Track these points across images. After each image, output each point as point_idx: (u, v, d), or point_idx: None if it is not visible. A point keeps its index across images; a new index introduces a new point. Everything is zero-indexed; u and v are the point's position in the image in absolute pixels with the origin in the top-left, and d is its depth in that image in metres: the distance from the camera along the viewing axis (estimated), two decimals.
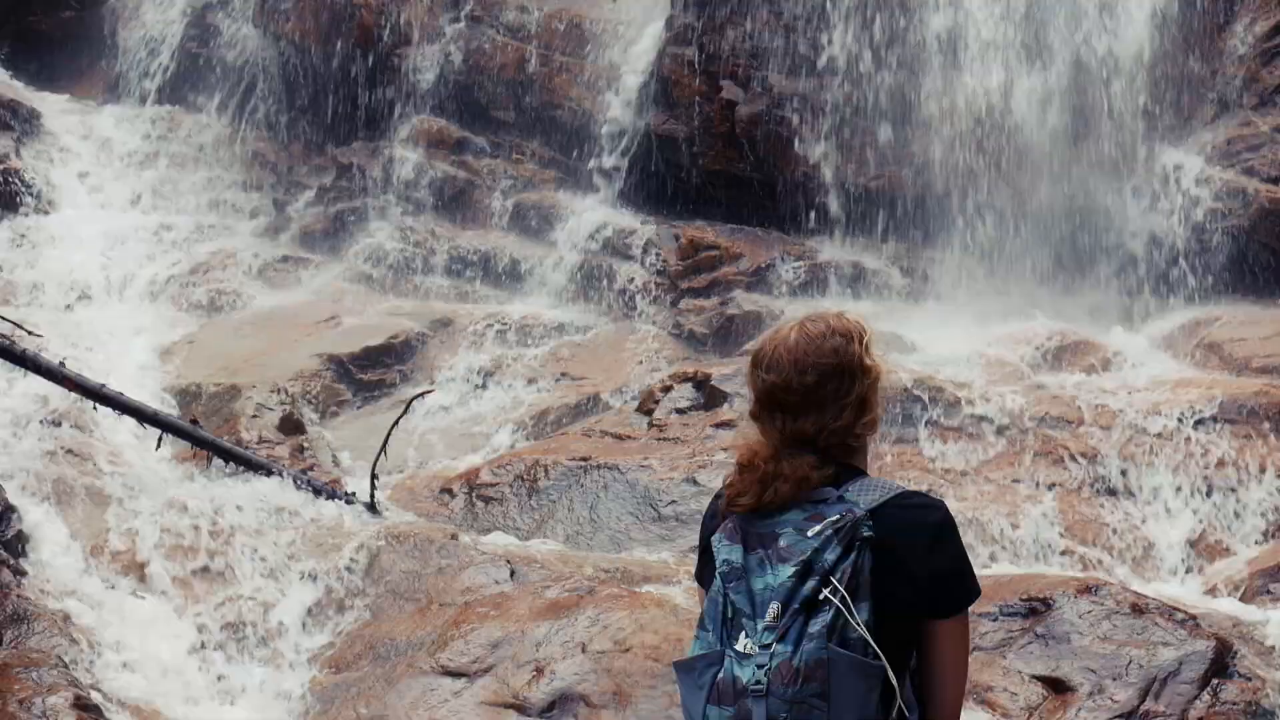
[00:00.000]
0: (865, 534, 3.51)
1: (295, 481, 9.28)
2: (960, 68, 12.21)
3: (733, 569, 3.55)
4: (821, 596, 3.45)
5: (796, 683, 3.42)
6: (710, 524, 3.76)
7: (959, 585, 3.62)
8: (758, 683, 3.44)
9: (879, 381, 3.71)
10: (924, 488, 9.33)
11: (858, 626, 3.44)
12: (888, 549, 3.53)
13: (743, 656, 3.48)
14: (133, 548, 8.62)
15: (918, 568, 3.55)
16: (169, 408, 10.50)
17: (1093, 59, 11.98)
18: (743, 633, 3.50)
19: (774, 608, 3.47)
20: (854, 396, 3.64)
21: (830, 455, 3.63)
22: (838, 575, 3.47)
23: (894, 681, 3.48)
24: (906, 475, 9.53)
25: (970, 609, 3.69)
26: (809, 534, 3.52)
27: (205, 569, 8.55)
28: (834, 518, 3.53)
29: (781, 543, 3.53)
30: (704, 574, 3.76)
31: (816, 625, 3.44)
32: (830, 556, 3.48)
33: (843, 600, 3.44)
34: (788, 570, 3.49)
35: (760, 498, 3.60)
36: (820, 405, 3.62)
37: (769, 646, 3.46)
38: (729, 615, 3.53)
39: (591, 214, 12.90)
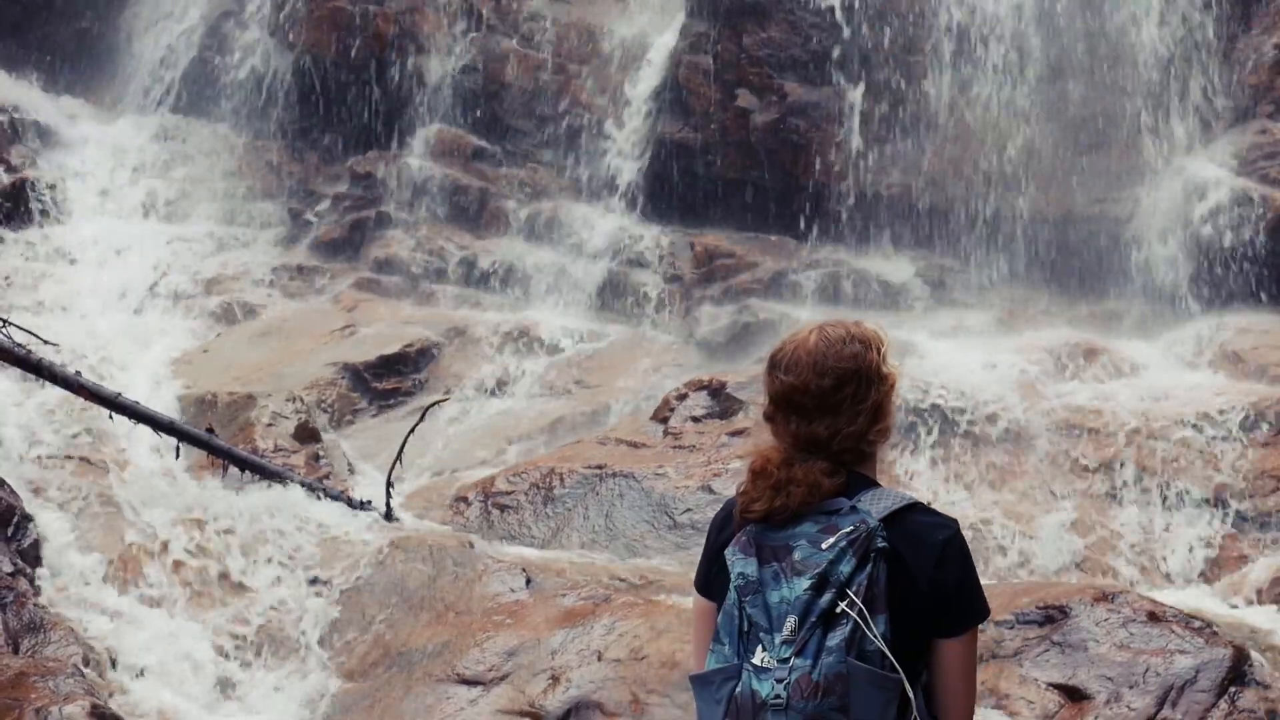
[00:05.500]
0: (880, 545, 3.50)
1: (311, 490, 9.29)
2: (976, 76, 12.21)
3: (748, 583, 3.53)
4: (839, 609, 3.44)
5: (816, 696, 3.41)
6: (719, 535, 3.74)
7: (965, 606, 3.60)
8: (777, 697, 3.42)
9: (894, 390, 3.70)
10: (943, 497, 9.31)
11: (875, 639, 3.43)
12: (899, 560, 3.52)
13: (761, 670, 3.46)
14: (148, 556, 8.62)
15: (925, 585, 3.53)
16: (184, 417, 10.52)
17: (1110, 69, 11.96)
18: (760, 646, 3.48)
19: (791, 621, 3.46)
20: (869, 403, 3.64)
21: (842, 461, 3.62)
22: (854, 588, 3.45)
23: (910, 693, 3.47)
24: (924, 484, 9.51)
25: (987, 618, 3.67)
26: (823, 546, 3.50)
27: (221, 577, 8.55)
28: (848, 529, 3.51)
29: (796, 555, 3.51)
30: (710, 583, 3.75)
31: (835, 639, 3.43)
32: (845, 569, 3.47)
33: (860, 613, 3.43)
34: (803, 583, 3.47)
35: (772, 504, 3.58)
36: (835, 409, 3.61)
37: (787, 660, 3.44)
38: (745, 629, 3.51)
39: (606, 222, 12.90)
